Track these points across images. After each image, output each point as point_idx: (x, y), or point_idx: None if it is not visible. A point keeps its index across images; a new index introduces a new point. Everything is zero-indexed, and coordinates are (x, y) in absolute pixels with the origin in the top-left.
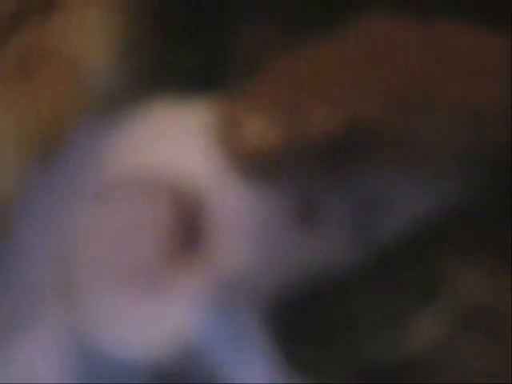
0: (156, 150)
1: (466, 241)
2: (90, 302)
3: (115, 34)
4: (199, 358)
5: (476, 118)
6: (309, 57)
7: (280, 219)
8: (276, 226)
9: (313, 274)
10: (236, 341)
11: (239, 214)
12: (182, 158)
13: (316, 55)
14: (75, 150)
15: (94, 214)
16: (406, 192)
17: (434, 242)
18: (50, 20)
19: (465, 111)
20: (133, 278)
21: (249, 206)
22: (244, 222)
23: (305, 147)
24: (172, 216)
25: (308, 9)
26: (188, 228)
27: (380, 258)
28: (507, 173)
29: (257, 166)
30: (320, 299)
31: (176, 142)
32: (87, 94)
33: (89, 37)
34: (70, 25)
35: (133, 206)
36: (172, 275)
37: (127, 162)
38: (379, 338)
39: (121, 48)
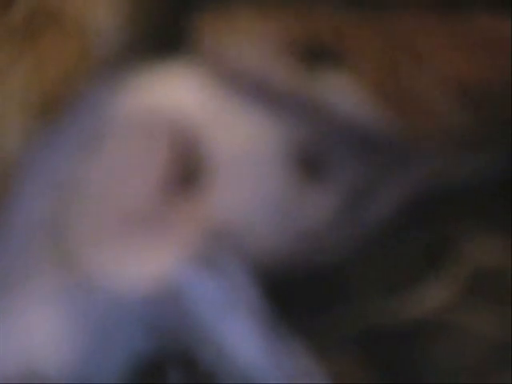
0: (154, 96)
1: (472, 208)
2: (89, 245)
3: None
4: (187, 304)
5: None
6: None
7: (281, 168)
8: (276, 174)
9: (313, 233)
10: (225, 292)
11: (234, 158)
12: (179, 101)
13: None
14: (80, 109)
15: (94, 161)
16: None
17: (440, 209)
18: None
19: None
20: (131, 220)
21: (246, 147)
22: (241, 166)
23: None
24: (170, 158)
25: None
26: (185, 171)
27: (387, 223)
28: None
29: (248, 88)
30: (321, 261)
31: (173, 87)
32: (92, 54)
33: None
34: None
35: (132, 150)
36: (168, 218)
37: (126, 107)
38: (385, 302)
39: (126, 8)
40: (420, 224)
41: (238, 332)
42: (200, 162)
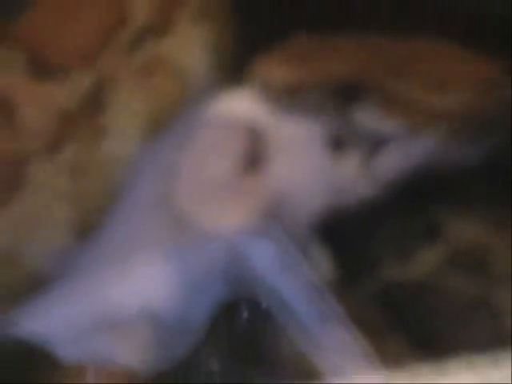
0: (231, 108)
1: (460, 194)
2: (189, 212)
3: (209, 47)
4: (253, 261)
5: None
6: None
7: (315, 149)
8: (311, 154)
9: (338, 198)
10: (281, 249)
11: (284, 145)
12: (246, 111)
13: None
14: (179, 124)
15: (191, 151)
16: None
17: (436, 194)
18: (165, 36)
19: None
20: (216, 189)
21: (291, 141)
22: (287, 152)
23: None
24: (242, 145)
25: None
26: (252, 156)
27: (389, 202)
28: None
29: (292, 102)
30: (347, 220)
31: (242, 103)
32: (188, 89)
33: (191, 50)
34: (178, 40)
35: (216, 141)
36: (241, 189)
37: (214, 115)
38: (394, 265)
39: (211, 55)
40: (419, 207)
41: (289, 283)
42: (261, 150)
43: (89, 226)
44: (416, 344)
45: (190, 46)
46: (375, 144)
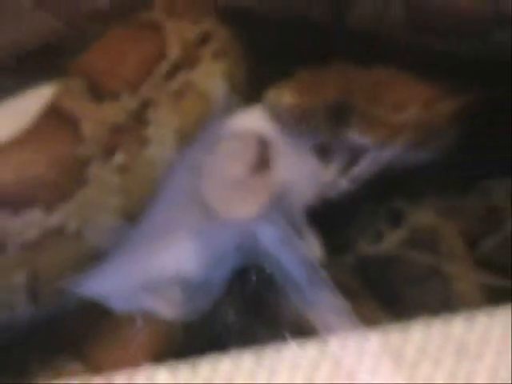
0: (245, 123)
1: (417, 188)
2: (214, 202)
3: (226, 76)
4: (261, 238)
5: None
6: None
7: (308, 155)
8: (305, 159)
9: (326, 187)
10: (283, 230)
11: (286, 152)
12: (257, 125)
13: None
14: (204, 135)
15: (215, 155)
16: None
17: (399, 188)
18: (193, 68)
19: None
20: (233, 185)
21: (290, 149)
22: (288, 157)
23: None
24: (253, 151)
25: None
26: (261, 158)
27: (361, 194)
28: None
29: (291, 121)
30: (331, 208)
31: (254, 118)
32: (210, 108)
33: (212, 78)
34: (203, 71)
35: (234, 148)
36: (253, 184)
37: (232, 128)
38: (367, 242)
39: (227, 83)
40: (386, 198)
41: (287, 255)
42: (268, 156)
43: (135, 212)
44: (384, 304)
45: (212, 76)
46: (354, 152)
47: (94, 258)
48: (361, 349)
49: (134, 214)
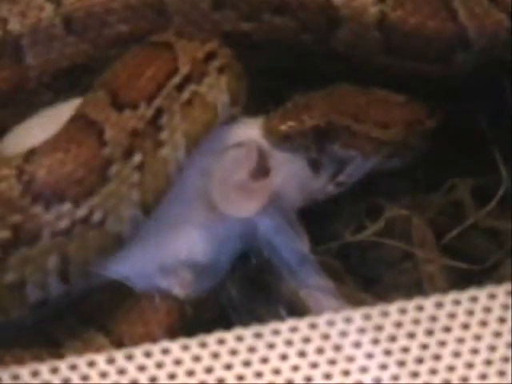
0: (247, 133)
1: (392, 187)
2: (218, 202)
3: (229, 90)
4: (260, 229)
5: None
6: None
7: (302, 167)
8: (299, 170)
9: (314, 193)
10: (276, 223)
11: (282, 162)
12: (258, 136)
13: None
14: (212, 138)
15: (222, 161)
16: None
17: (377, 187)
18: (201, 82)
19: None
20: (237, 188)
21: (287, 161)
22: (284, 166)
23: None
24: (255, 159)
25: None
26: (260, 166)
27: (345, 193)
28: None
29: (284, 146)
30: (319, 208)
31: (255, 129)
32: (216, 117)
33: (218, 91)
34: (209, 84)
35: (239, 155)
36: (252, 188)
37: (235, 138)
38: (349, 231)
39: (230, 95)
40: (366, 196)
41: (283, 242)
42: (266, 164)
43: (151, 204)
44: (363, 286)
45: (217, 88)
46: (340, 163)
47: (116, 244)
48: (346, 324)
49: (150, 207)
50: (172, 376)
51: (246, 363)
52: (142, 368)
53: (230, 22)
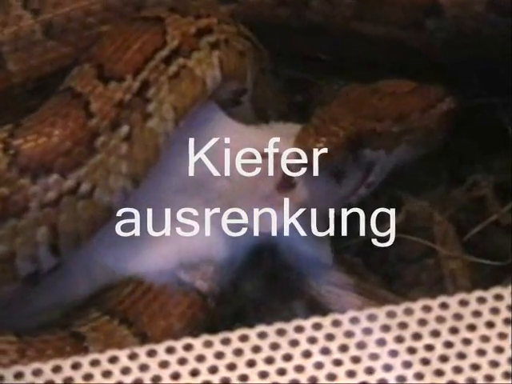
0: (275, 144)
1: (413, 182)
2: (244, 214)
3: (218, 64)
4: (283, 236)
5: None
6: None
7: (324, 179)
8: (321, 182)
9: (336, 207)
10: (304, 227)
11: (306, 176)
12: (284, 148)
13: None
14: (198, 112)
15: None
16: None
17: (399, 182)
18: (190, 56)
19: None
20: (263, 201)
21: (309, 174)
22: (307, 180)
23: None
24: (280, 171)
25: None
26: (287, 178)
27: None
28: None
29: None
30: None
31: (282, 141)
32: (203, 90)
33: (206, 65)
34: (198, 58)
35: (266, 167)
36: (280, 198)
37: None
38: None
39: (219, 70)
40: (388, 190)
41: (297, 239)
42: (294, 176)
43: (140, 175)
44: (384, 283)
45: (207, 63)
46: (368, 165)
47: (105, 215)
48: (370, 322)
49: (138, 178)
50: (194, 373)
51: (269, 360)
52: (164, 364)
53: (209, 7)
